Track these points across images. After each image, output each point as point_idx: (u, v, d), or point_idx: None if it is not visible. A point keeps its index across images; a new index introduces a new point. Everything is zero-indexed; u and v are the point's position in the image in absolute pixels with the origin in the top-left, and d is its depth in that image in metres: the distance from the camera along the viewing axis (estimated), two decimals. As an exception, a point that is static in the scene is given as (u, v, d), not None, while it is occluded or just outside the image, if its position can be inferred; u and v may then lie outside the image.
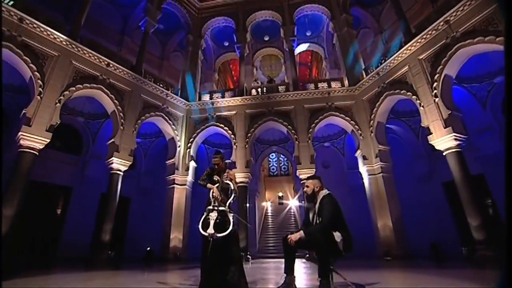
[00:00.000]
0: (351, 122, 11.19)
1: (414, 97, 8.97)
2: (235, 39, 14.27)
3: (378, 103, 10.46)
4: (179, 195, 11.17)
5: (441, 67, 8.15)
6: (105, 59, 9.77)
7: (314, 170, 10.42)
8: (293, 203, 18.78)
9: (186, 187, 11.35)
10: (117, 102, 9.87)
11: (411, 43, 9.11)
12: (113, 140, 9.51)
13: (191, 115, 12.56)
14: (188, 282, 4.02)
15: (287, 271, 2.89)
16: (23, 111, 7.51)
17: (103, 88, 9.56)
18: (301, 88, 12.41)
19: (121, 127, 9.74)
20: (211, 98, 12.87)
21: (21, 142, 7.30)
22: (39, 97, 7.78)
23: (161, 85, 11.77)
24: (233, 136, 11.71)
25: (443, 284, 3.68)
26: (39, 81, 7.88)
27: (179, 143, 11.77)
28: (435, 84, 8.26)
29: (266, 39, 16.84)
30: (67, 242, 10.21)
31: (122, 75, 10.30)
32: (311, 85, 12.57)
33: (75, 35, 9.23)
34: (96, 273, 5.91)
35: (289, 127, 11.46)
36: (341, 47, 13.00)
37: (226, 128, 11.91)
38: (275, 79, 20.38)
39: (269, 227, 17.75)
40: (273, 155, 27.97)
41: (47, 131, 7.72)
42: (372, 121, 10.66)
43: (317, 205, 3.02)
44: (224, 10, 14.97)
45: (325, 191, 3.07)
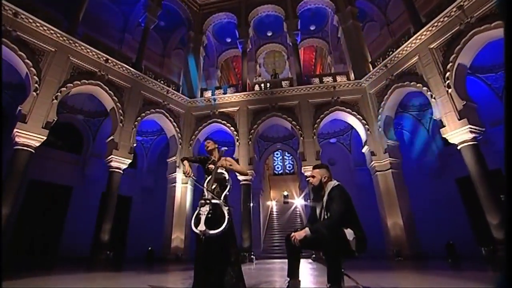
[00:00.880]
0: (358, 116, 10.74)
1: (424, 89, 8.52)
2: (237, 34, 13.95)
3: (386, 96, 10.02)
4: (181, 194, 10.90)
5: (454, 55, 7.68)
6: (103, 55, 9.54)
7: (319, 167, 9.99)
8: (298, 202, 18.41)
9: (188, 185, 11.06)
10: (116, 98, 9.64)
11: (421, 31, 8.64)
12: (112, 137, 9.27)
13: (193, 112, 12.27)
14: (182, 286, 3.68)
15: (291, 274, 2.48)
16: (19, 108, 7.30)
17: (101, 84, 9.33)
18: (306, 82, 12.01)
19: (121, 124, 9.50)
20: (213, 94, 12.55)
21: (17, 139, 7.08)
22: (35, 94, 7.58)
23: (162, 82, 11.51)
24: (235, 132, 11.37)
25: (467, 288, 3.27)
26: (35, 77, 7.67)
27: (180, 140, 11.50)
28: (447, 74, 7.80)
29: (269, 34, 16.47)
30: (67, 242, 10.02)
31: (121, 71, 10.07)
32: (316, 79, 12.16)
33: (72, 31, 9.04)
34: (86, 275, 5.62)
35: (294, 122, 11.07)
36: (346, 40, 12.56)
37: (228, 124, 11.58)
38: (279, 75, 19.97)
39: (274, 226, 17.39)
40: (278, 154, 27.62)
41: (44, 128, 7.51)
42: (380, 115, 10.22)
43: (325, 198, 2.56)
44: (225, 5, 14.65)
45: (334, 182, 2.60)
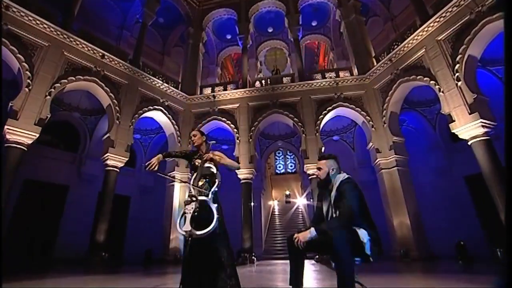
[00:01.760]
0: (362, 112, 10.41)
1: (432, 82, 8.16)
2: (237, 30, 13.64)
3: (391, 92, 9.67)
4: (180, 193, 10.61)
5: (464, 46, 7.32)
6: (99, 50, 9.26)
7: (322, 164, 9.66)
8: (300, 201, 18.03)
9: (187, 184, 10.72)
10: (112, 95, 9.35)
11: (428, 23, 8.29)
12: (108, 135, 8.99)
13: (192, 109, 11.97)
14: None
15: (294, 282, 2.13)
16: (10, 104, 7.03)
17: (97, 80, 9.05)
18: (308, 78, 11.68)
19: (117, 122, 9.22)
20: (213, 91, 12.26)
21: (7, 136, 6.82)
22: (27, 89, 7.30)
23: (160, 79, 11.22)
24: (236, 130, 11.06)
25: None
26: (28, 73, 7.39)
27: (179, 138, 11.20)
28: (457, 66, 7.44)
29: (270, 30, 16.17)
30: (63, 243, 9.73)
31: (118, 67, 9.79)
32: (318, 75, 11.82)
33: (67, 26, 8.76)
34: (74, 278, 5.34)
35: (295, 119, 10.75)
36: (349, 35, 12.21)
37: (228, 122, 11.28)
38: (280, 71, 19.62)
39: (276, 226, 17.04)
40: (280, 153, 27.29)
41: (36, 125, 7.23)
42: (384, 111, 9.87)
43: (332, 193, 2.21)
44: (225, 1, 14.35)
45: (343, 175, 2.24)
